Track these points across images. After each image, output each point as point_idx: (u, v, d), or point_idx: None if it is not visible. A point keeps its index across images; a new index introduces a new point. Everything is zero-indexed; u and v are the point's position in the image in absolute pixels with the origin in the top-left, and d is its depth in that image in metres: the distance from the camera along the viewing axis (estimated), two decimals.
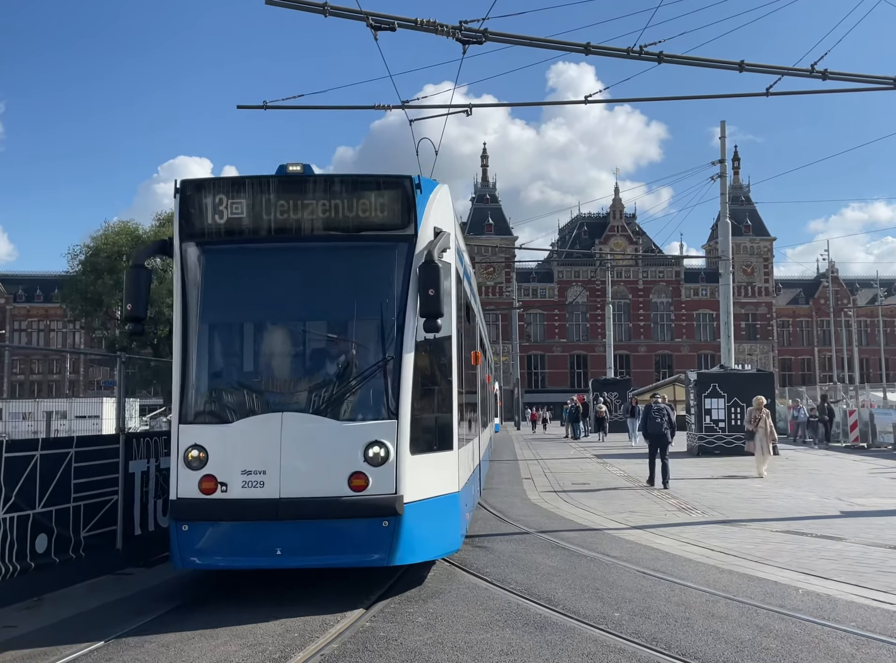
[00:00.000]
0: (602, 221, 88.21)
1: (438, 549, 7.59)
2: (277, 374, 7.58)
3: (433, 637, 5.89)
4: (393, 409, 6.97)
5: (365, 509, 6.74)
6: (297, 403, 7.10)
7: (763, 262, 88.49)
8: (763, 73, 13.76)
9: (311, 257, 7.51)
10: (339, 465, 6.83)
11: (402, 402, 6.96)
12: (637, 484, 16.47)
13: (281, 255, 7.52)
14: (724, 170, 29.04)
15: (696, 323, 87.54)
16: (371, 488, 6.77)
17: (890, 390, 31.64)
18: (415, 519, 6.89)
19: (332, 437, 6.90)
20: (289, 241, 7.38)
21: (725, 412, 24.92)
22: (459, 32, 11.53)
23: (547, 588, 7.35)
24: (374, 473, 6.79)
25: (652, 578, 7.71)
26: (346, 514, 6.72)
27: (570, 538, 10.00)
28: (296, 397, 7.20)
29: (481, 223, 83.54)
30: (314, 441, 6.90)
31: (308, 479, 6.79)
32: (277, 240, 7.37)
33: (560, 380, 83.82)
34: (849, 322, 75.97)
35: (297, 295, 7.57)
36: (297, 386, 7.33)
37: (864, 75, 14.13)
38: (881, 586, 7.21)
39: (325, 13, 11.14)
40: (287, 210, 7.29)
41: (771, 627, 6.02)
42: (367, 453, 6.82)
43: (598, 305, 78.22)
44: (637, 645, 5.62)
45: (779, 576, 7.69)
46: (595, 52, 12.69)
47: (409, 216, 7.27)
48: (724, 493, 14.64)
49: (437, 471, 7.42)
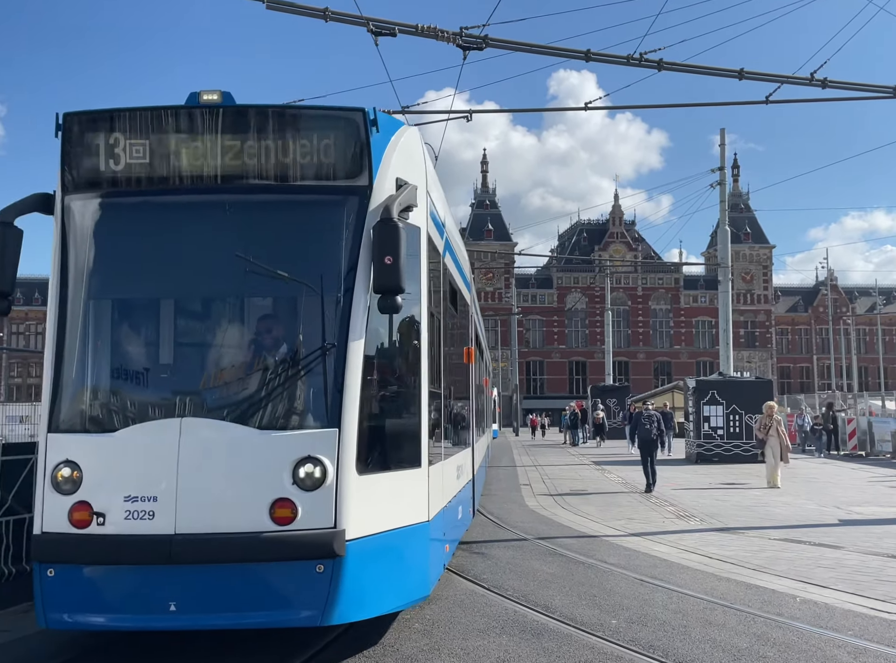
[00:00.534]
0: (602, 228, 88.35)
1: (398, 599, 5.76)
2: (179, 368, 5.83)
3: (430, 643, 5.87)
4: (334, 415, 5.24)
5: (291, 549, 5.00)
6: (203, 406, 5.33)
7: (762, 270, 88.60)
8: (763, 80, 13.82)
9: (230, 215, 5.76)
10: (258, 490, 5.09)
11: (346, 405, 5.24)
12: (635, 490, 16.44)
13: (190, 213, 5.81)
14: (723, 178, 29.10)
15: (695, 330, 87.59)
16: (301, 520, 5.04)
17: (888, 399, 31.66)
18: (362, 560, 5.21)
19: (250, 452, 5.17)
20: (201, 194, 5.68)
21: (724, 419, 24.94)
22: (460, 38, 11.57)
23: (544, 594, 7.33)
24: (306, 500, 5.06)
25: (650, 585, 7.69)
26: (266, 556, 4.99)
27: (568, 545, 9.98)
28: (201, 398, 5.39)
29: (481, 229, 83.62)
30: (224, 457, 5.17)
31: (214, 509, 5.05)
32: (186, 191, 5.67)
33: (559, 387, 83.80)
34: (848, 330, 76.09)
35: (210, 264, 5.76)
36: (203, 383, 5.53)
37: (864, 84, 14.19)
38: (879, 595, 7.19)
39: (325, 18, 11.18)
40: (200, 153, 5.60)
41: (768, 635, 6.00)
42: (297, 473, 5.07)
43: (597, 312, 78.23)
44: (634, 652, 5.60)
45: (777, 584, 7.67)
46: (595, 59, 12.74)
47: (360, 161, 5.59)
48: (723, 501, 14.62)
49: (397, 496, 5.72)
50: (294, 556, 5.03)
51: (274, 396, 5.40)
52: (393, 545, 5.58)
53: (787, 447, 17.23)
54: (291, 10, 11.16)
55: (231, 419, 5.25)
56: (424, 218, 6.19)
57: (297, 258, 5.71)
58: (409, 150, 6.22)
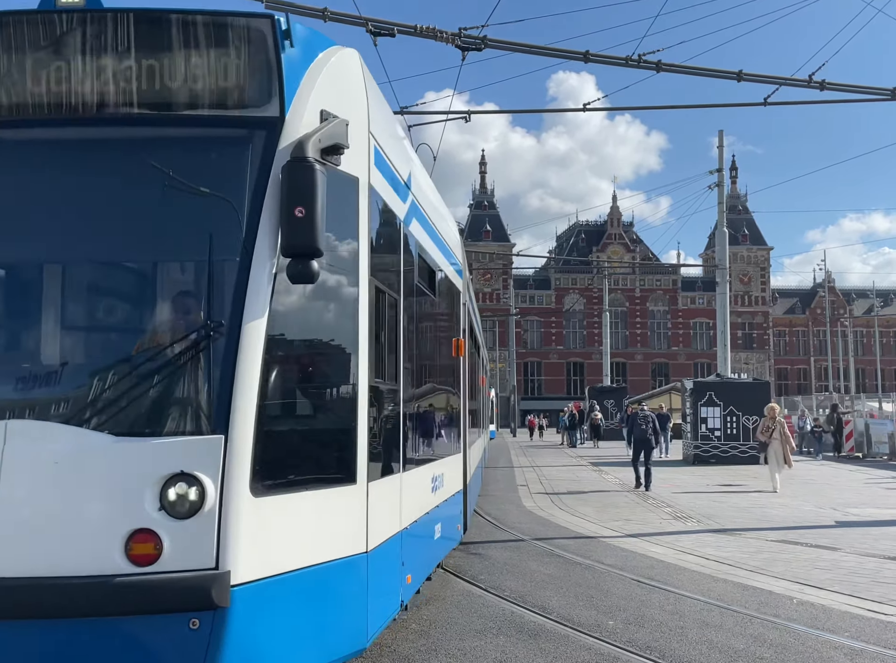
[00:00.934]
0: (600, 229, 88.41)
1: (314, 659, 4.28)
2: (6, 355, 4.26)
3: (427, 644, 5.87)
4: (219, 417, 3.85)
5: (154, 598, 3.63)
6: (38, 405, 3.89)
7: (760, 272, 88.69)
8: (761, 82, 13.84)
9: (91, 157, 4.38)
10: (110, 517, 3.72)
11: (237, 404, 3.86)
12: (633, 492, 16.45)
13: (38, 149, 4.40)
14: (721, 180, 29.15)
15: (692, 331, 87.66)
16: (168, 558, 3.66)
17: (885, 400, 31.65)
18: (257, 612, 3.86)
19: (101, 465, 3.78)
20: (52, 128, 4.28)
21: (721, 421, 24.97)
22: (459, 39, 11.58)
23: (541, 595, 7.33)
24: (176, 531, 3.69)
25: (646, 587, 7.69)
26: (118, 608, 3.62)
27: (565, 545, 9.98)
28: (36, 394, 3.97)
29: (479, 230, 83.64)
30: (65, 472, 3.74)
31: (48, 543, 3.66)
32: (30, 124, 4.27)
33: (557, 388, 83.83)
34: (845, 332, 76.19)
35: (62, 217, 4.31)
36: (39, 375, 4.09)
37: (862, 86, 14.22)
38: (876, 596, 7.20)
39: (324, 18, 11.19)
40: (55, 70, 4.19)
41: (765, 637, 6.00)
42: (165, 495, 3.71)
43: (595, 313, 78.28)
44: (631, 653, 5.61)
45: (773, 586, 7.68)
46: (594, 60, 12.75)
47: (267, 85, 4.24)
48: (720, 502, 14.63)
49: (315, 523, 4.31)
50: (158, 608, 3.62)
51: (137, 392, 3.92)
52: (307, 588, 4.17)
53: (791, 450, 16.63)
54: (290, 10, 11.15)
55: (76, 422, 3.82)
56: (365, 166, 4.76)
57: (180, 212, 4.26)
58: (343, 75, 4.73)
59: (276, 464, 4.10)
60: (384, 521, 5.10)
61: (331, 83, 4.56)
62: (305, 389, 4.53)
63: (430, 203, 7.34)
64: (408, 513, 5.77)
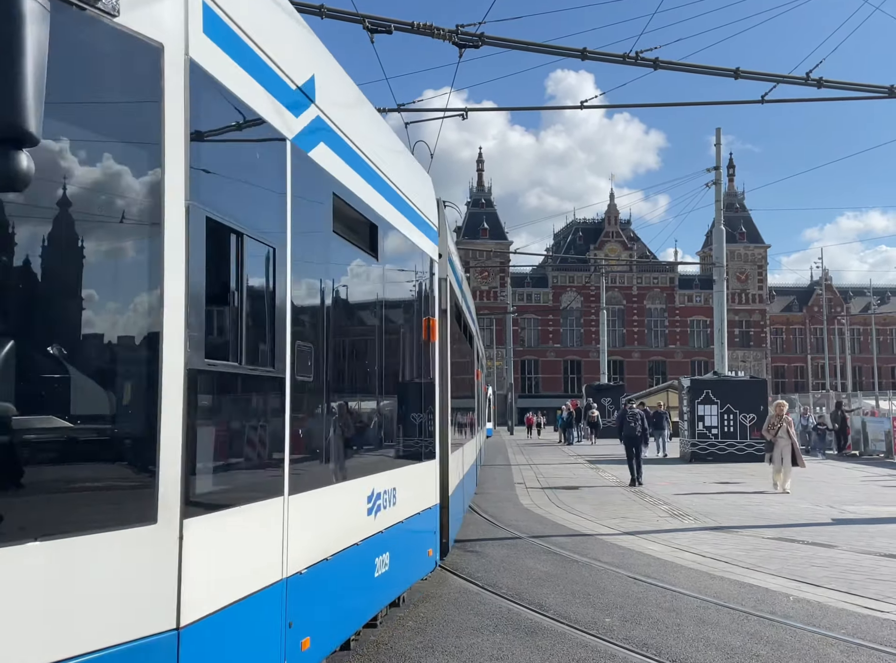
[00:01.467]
0: (597, 227, 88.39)
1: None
2: None
3: (423, 641, 5.86)
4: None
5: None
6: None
7: (757, 270, 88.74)
8: (758, 80, 13.84)
9: None
10: None
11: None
12: (629, 489, 16.47)
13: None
14: (718, 178, 29.15)
15: (689, 329, 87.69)
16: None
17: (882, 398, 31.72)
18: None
19: None
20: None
21: (718, 419, 24.99)
22: (456, 36, 11.56)
23: (538, 593, 7.33)
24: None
25: (643, 584, 7.69)
26: None
27: (562, 543, 9.98)
28: None
29: (476, 227, 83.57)
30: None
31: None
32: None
33: (554, 386, 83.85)
34: (842, 330, 76.24)
35: None
36: None
37: (859, 84, 14.23)
38: (872, 593, 7.21)
39: (321, 15, 11.15)
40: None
41: (762, 634, 6.01)
42: None
43: (592, 311, 78.27)
44: (628, 650, 5.61)
45: (770, 583, 7.68)
46: (591, 58, 12.74)
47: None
48: (717, 500, 14.64)
49: (61, 598, 2.58)
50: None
51: None
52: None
53: (798, 450, 15.86)
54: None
55: None
56: (180, 30, 3.12)
57: None
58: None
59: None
60: (231, 574, 3.45)
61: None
62: (57, 383, 2.75)
63: (366, 133, 5.72)
64: (304, 551, 4.18)
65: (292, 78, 4.26)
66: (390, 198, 6.12)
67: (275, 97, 4.00)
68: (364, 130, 5.68)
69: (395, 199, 6.28)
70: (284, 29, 4.37)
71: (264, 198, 3.93)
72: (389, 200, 6.09)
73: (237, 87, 3.57)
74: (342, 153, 5.00)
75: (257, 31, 3.81)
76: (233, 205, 3.55)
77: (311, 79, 4.57)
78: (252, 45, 3.77)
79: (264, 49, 3.89)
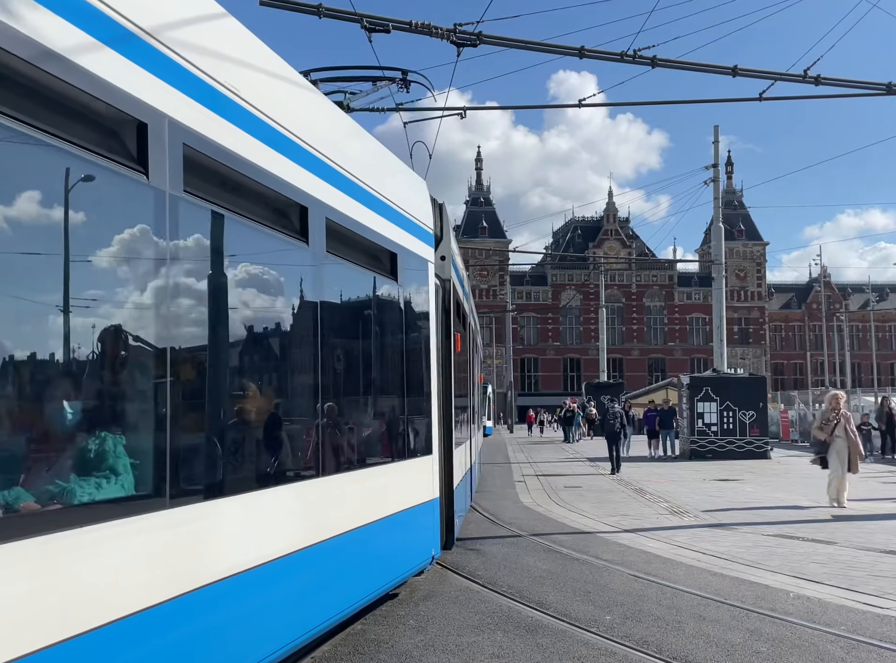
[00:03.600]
0: (596, 225, 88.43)
1: None
2: None
3: (424, 639, 5.87)
4: None
5: None
6: None
7: (756, 267, 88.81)
8: (756, 78, 13.85)
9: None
10: None
11: None
12: (630, 487, 16.49)
13: None
14: (717, 175, 29.20)
15: (689, 327, 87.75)
16: None
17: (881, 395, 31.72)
18: None
19: None
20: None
21: (718, 416, 25.03)
22: (454, 35, 11.57)
23: (538, 591, 7.34)
24: None
25: (643, 581, 7.70)
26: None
27: (562, 541, 9.99)
28: None
29: (475, 226, 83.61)
30: None
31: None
32: None
33: (553, 384, 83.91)
34: (841, 327, 76.30)
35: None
36: None
37: (857, 81, 14.23)
38: (872, 590, 7.22)
39: (319, 14, 11.16)
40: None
41: (762, 630, 6.02)
42: None
43: (591, 309, 78.31)
44: (628, 648, 5.62)
45: (770, 580, 7.70)
46: (589, 56, 12.74)
47: None
48: (716, 497, 14.66)
49: None
50: None
51: None
52: None
53: (858, 452, 13.11)
54: (285, 7, 11.13)
55: None
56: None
57: None
58: None
59: None
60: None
61: None
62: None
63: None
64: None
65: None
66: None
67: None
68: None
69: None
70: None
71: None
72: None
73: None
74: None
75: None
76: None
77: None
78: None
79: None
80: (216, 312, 3.99)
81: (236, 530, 4.04)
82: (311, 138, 4.99)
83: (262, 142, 4.31)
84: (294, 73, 5.31)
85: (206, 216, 3.80)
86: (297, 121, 4.91)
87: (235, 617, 3.97)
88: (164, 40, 3.55)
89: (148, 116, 3.37)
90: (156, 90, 3.43)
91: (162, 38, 3.54)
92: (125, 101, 3.24)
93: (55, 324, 3.01)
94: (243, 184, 4.17)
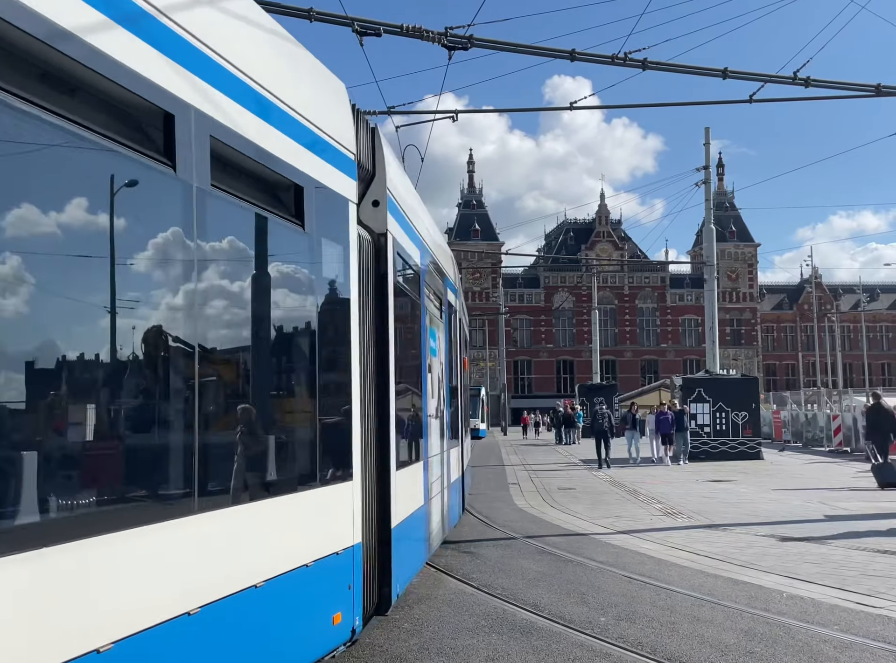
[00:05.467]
0: (588, 227, 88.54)
1: None
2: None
3: (419, 642, 5.87)
4: None
5: None
6: None
7: (747, 268, 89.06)
8: (746, 80, 13.92)
9: None
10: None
11: None
12: (623, 489, 16.51)
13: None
14: (708, 177, 29.27)
15: (681, 328, 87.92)
16: None
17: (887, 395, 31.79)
18: None
19: None
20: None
21: (710, 417, 25.08)
22: (445, 38, 11.59)
23: (533, 593, 7.34)
24: None
25: (637, 583, 7.72)
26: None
27: (557, 543, 10.00)
28: None
29: (468, 229, 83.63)
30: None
31: None
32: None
33: (547, 386, 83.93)
34: (832, 327, 76.59)
35: None
36: None
37: (847, 83, 14.31)
38: (864, 589, 7.25)
39: (310, 18, 11.16)
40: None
41: (756, 631, 6.04)
42: None
43: (584, 311, 78.41)
44: (622, 649, 5.63)
45: (763, 580, 7.72)
46: (580, 59, 12.78)
47: None
48: (710, 498, 14.69)
49: None
50: None
51: None
52: None
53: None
54: (275, 10, 11.11)
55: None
56: None
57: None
58: None
59: None
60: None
61: None
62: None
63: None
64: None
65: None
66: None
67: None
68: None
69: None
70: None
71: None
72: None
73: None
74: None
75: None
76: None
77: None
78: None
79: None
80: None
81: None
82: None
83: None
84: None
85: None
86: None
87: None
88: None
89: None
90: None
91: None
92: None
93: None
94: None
